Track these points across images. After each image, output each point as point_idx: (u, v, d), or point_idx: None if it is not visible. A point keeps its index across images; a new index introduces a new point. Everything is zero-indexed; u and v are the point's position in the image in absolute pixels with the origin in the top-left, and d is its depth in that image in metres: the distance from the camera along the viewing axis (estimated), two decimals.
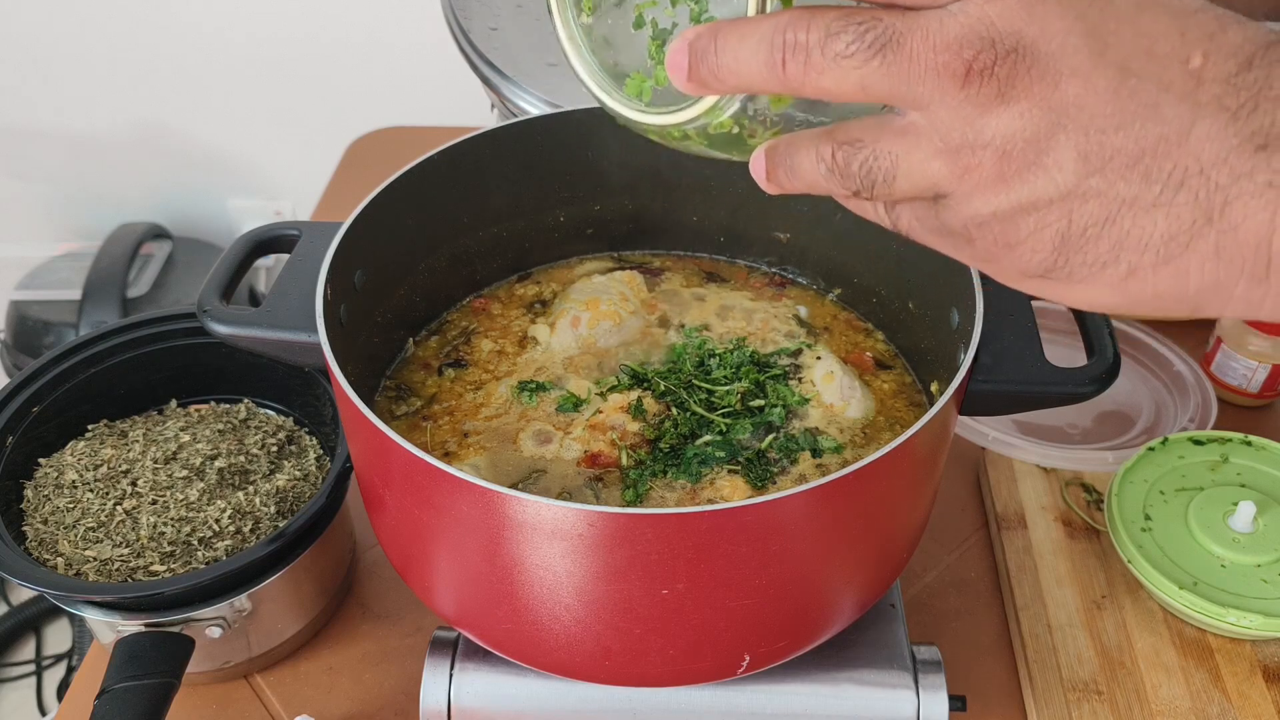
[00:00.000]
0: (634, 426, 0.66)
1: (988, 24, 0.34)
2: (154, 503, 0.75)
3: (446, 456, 0.66)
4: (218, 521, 0.73)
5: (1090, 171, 0.35)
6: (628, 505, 0.62)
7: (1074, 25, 0.34)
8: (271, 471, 0.79)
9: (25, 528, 0.75)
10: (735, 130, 0.42)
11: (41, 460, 0.79)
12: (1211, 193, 0.34)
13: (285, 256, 0.68)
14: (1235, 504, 0.78)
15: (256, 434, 0.81)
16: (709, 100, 0.41)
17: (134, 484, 0.76)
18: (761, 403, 0.68)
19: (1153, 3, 0.35)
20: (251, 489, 0.76)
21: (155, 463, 0.77)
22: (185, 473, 0.76)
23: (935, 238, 0.40)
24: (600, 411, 0.67)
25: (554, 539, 0.51)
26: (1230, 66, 0.34)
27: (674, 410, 0.67)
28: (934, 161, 0.37)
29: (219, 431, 0.80)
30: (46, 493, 0.76)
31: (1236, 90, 0.33)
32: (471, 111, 1.29)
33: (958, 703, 0.67)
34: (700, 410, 0.67)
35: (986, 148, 0.35)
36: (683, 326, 0.75)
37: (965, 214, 0.37)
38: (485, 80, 0.90)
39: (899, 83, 0.35)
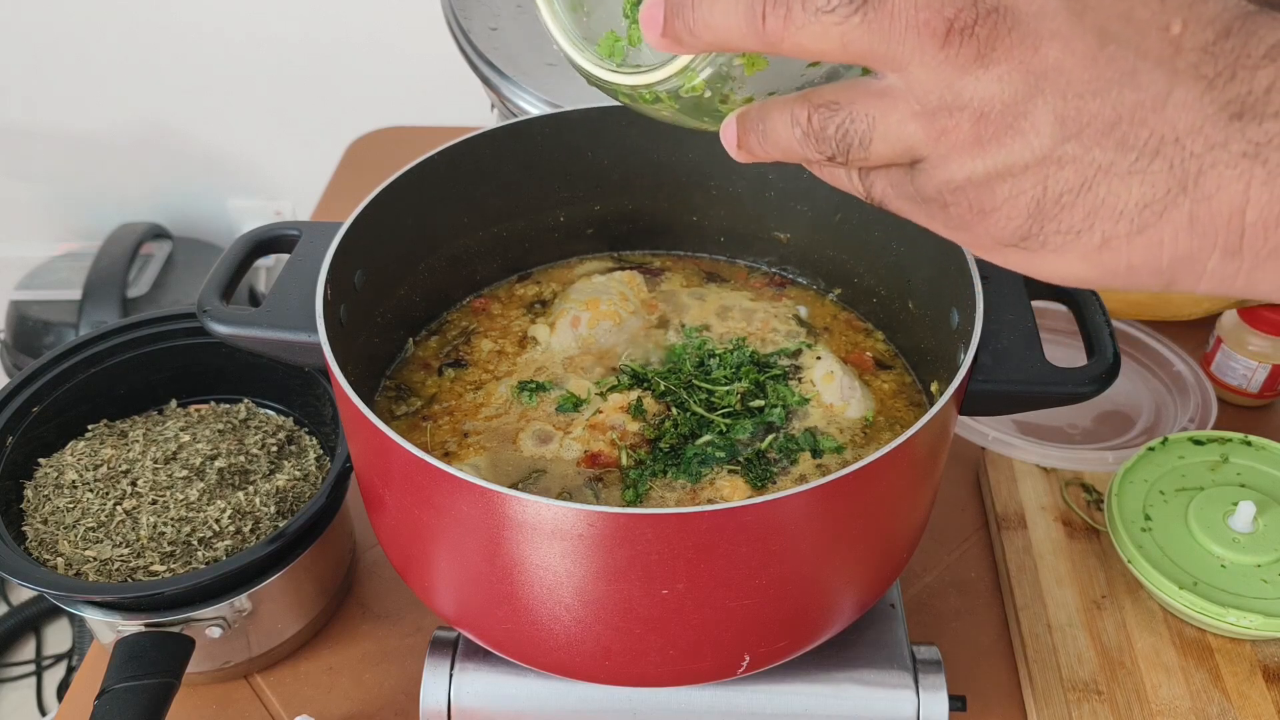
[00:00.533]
0: (634, 426, 0.66)
1: None
2: (154, 503, 0.75)
3: (446, 456, 0.66)
4: (218, 521, 0.73)
5: (1066, 137, 0.34)
6: (628, 505, 0.62)
7: None
8: (271, 471, 0.79)
9: (25, 528, 0.75)
10: (707, 94, 0.41)
11: (41, 460, 0.79)
12: (1186, 161, 0.34)
13: (285, 256, 0.68)
14: (1235, 504, 0.79)
15: (256, 434, 0.81)
16: (682, 60, 0.40)
17: (134, 484, 0.76)
18: (761, 403, 0.68)
19: None
20: (251, 489, 0.76)
21: (155, 463, 0.77)
22: (185, 473, 0.76)
23: (909, 205, 0.40)
24: (600, 411, 0.67)
25: (554, 539, 0.51)
26: (1208, 34, 0.33)
27: (674, 410, 0.67)
28: (910, 124, 0.36)
29: (219, 431, 0.80)
30: (46, 493, 0.76)
31: (1214, 58, 0.33)
32: (471, 111, 1.30)
33: (958, 703, 0.67)
34: (700, 410, 0.67)
35: (964, 110, 0.35)
36: (683, 326, 0.75)
37: (940, 179, 0.37)
38: (485, 80, 0.90)
39: (879, 40, 0.35)
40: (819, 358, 0.71)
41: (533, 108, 0.85)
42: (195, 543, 0.73)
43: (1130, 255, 0.36)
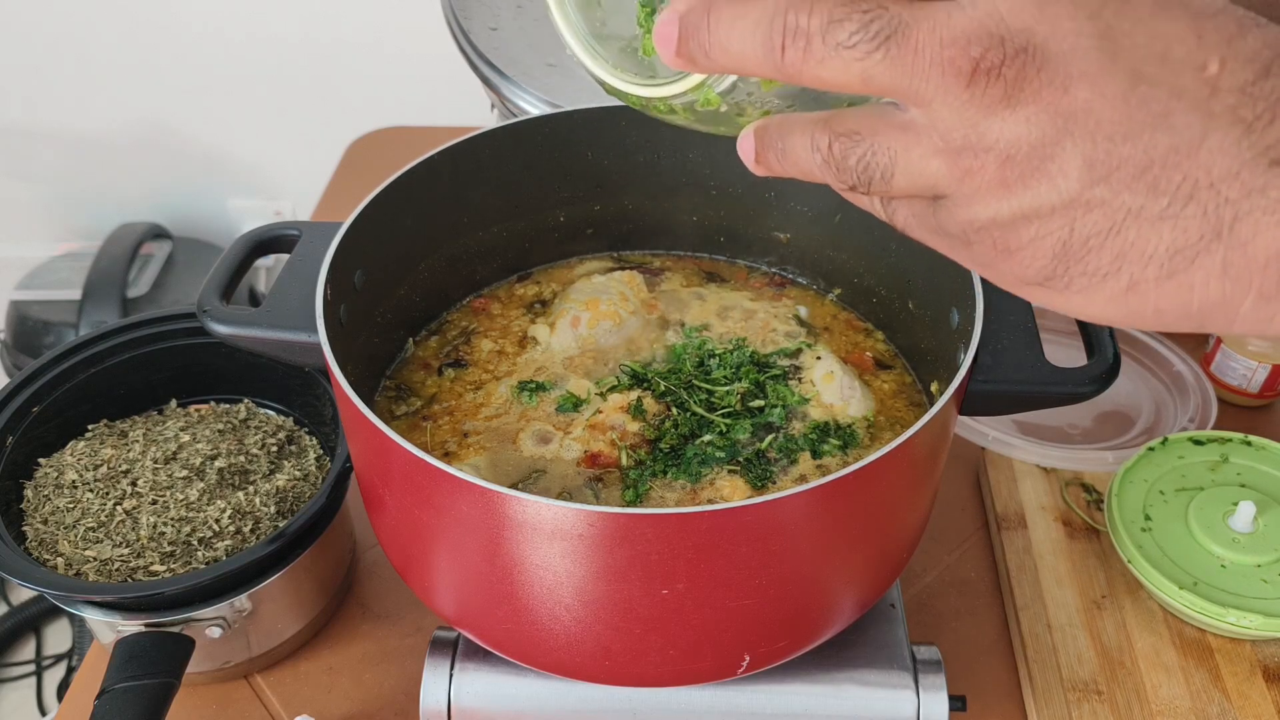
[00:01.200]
0: (634, 426, 0.66)
1: (998, 20, 0.33)
2: (154, 503, 0.75)
3: (446, 456, 0.66)
4: (218, 521, 0.73)
5: (1095, 180, 0.33)
6: (628, 505, 0.62)
7: (1087, 25, 0.33)
8: (271, 471, 0.79)
9: (25, 528, 0.75)
10: (723, 109, 0.40)
11: (41, 460, 0.79)
12: (1221, 207, 0.33)
13: (285, 256, 0.68)
14: (1235, 504, 0.79)
15: (256, 434, 0.81)
16: (697, 77, 0.39)
17: (134, 484, 0.76)
18: (761, 403, 0.68)
19: (1172, 2, 0.33)
20: (251, 489, 0.76)
21: (155, 463, 0.77)
22: (185, 473, 0.76)
23: (932, 237, 0.39)
24: (600, 411, 0.67)
25: (554, 539, 0.51)
26: (1247, 74, 0.32)
27: (674, 410, 0.67)
28: (933, 161, 0.35)
29: (219, 431, 0.80)
30: (46, 493, 0.76)
31: (1253, 101, 0.32)
32: (471, 111, 1.29)
33: (958, 703, 0.67)
34: (700, 410, 0.67)
35: (989, 151, 0.34)
36: (683, 326, 0.75)
37: (963, 218, 0.36)
38: (485, 80, 0.90)
39: (902, 77, 0.34)
40: (819, 358, 0.71)
41: (533, 108, 0.85)
42: (195, 543, 0.73)
43: (1158, 300, 0.35)
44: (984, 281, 0.61)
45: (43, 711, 1.73)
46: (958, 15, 0.33)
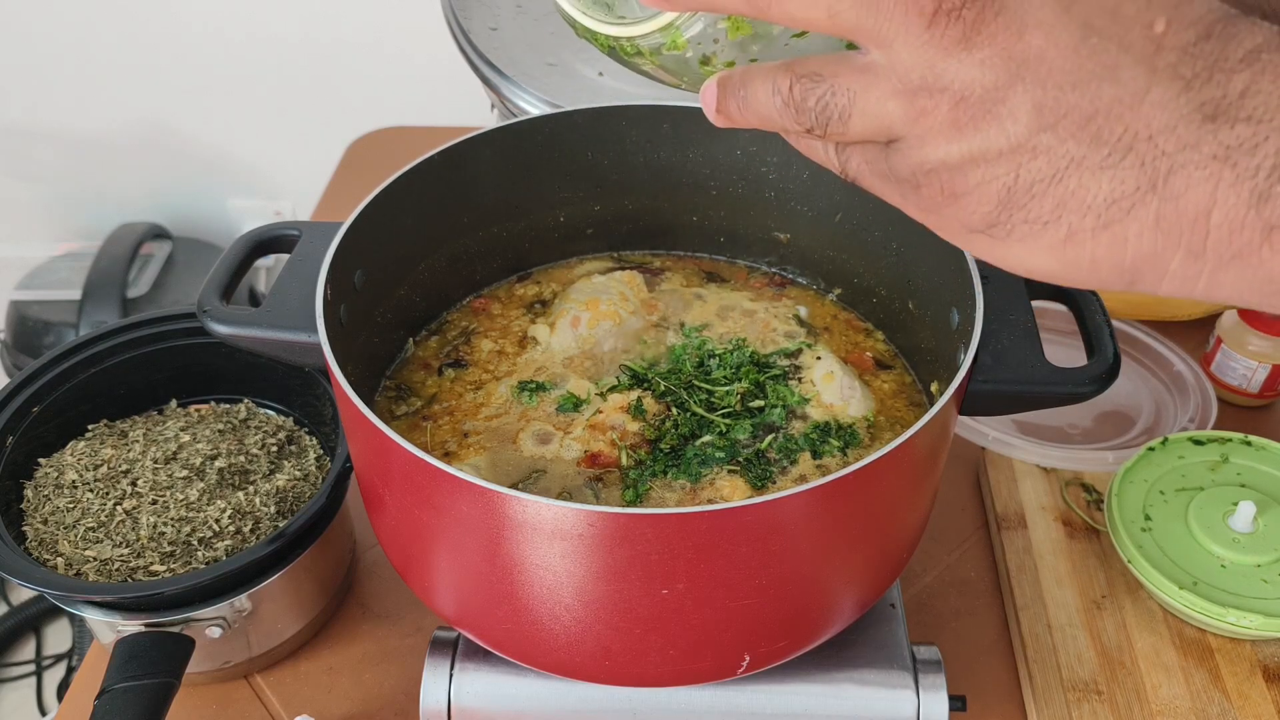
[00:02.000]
0: (634, 426, 0.66)
1: None
2: (154, 503, 0.75)
3: (446, 456, 0.66)
4: (218, 521, 0.73)
5: (1043, 127, 0.35)
6: (628, 505, 0.62)
7: None
8: (271, 471, 0.79)
9: (25, 528, 0.75)
10: (689, 54, 0.41)
11: (41, 460, 0.79)
12: (1157, 159, 0.34)
13: (285, 256, 0.68)
14: (1235, 504, 0.79)
15: (256, 434, 0.81)
16: (667, 16, 0.40)
17: (134, 484, 0.76)
18: (761, 403, 0.68)
19: None
20: (251, 489, 0.76)
21: (155, 463, 0.77)
22: (185, 473, 0.76)
23: (883, 184, 0.40)
24: (600, 411, 0.67)
25: (554, 539, 0.51)
26: (1190, 35, 0.34)
27: (674, 410, 0.67)
28: (890, 102, 0.36)
29: (219, 431, 0.80)
30: (46, 493, 0.76)
31: (1193, 59, 0.33)
32: (471, 111, 1.30)
33: (958, 703, 0.67)
34: (700, 410, 0.67)
35: (944, 92, 0.35)
36: (683, 326, 0.75)
37: (915, 160, 0.37)
38: (485, 80, 0.90)
39: (866, 15, 0.35)
40: (819, 358, 0.71)
41: (533, 108, 0.85)
42: (195, 543, 0.73)
43: (1094, 250, 0.36)
44: (984, 282, 0.61)
45: (43, 711, 1.73)
46: None
